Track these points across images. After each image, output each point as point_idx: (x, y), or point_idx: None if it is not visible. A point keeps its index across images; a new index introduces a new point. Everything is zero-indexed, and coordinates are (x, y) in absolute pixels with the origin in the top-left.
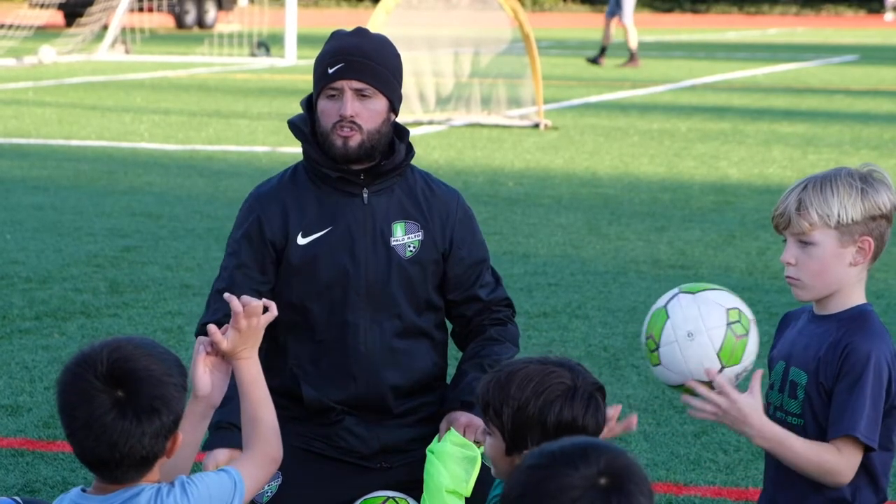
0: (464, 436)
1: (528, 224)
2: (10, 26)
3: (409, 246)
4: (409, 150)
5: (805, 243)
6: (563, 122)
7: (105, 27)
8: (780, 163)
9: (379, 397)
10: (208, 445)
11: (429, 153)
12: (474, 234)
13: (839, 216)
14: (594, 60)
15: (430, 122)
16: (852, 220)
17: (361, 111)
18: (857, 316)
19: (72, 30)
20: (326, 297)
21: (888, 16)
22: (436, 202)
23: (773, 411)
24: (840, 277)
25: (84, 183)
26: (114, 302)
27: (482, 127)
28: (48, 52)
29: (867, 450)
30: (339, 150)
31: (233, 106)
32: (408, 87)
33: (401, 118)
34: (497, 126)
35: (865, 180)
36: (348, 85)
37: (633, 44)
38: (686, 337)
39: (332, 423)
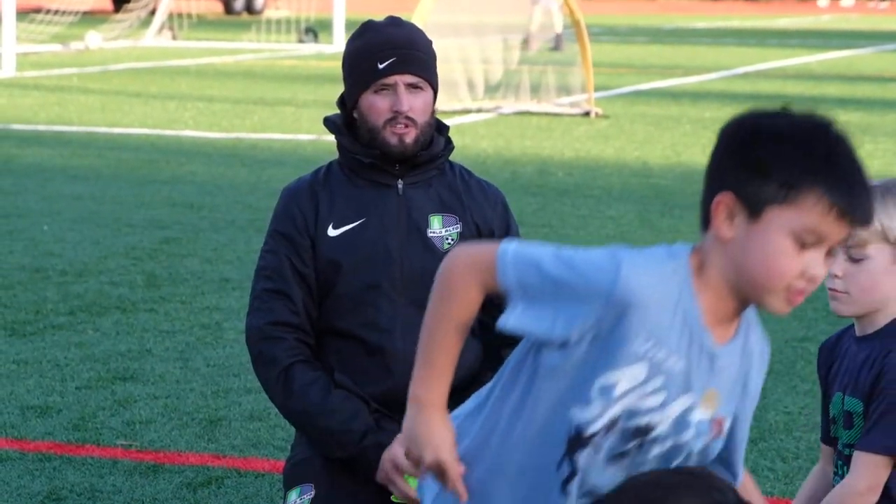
0: None
1: (578, 216)
2: (56, 12)
3: (448, 238)
4: (448, 143)
5: (856, 259)
6: (613, 110)
7: (152, 13)
8: None
9: None
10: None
11: (477, 142)
12: (513, 236)
13: None
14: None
15: (479, 110)
16: None
17: (414, 105)
18: None
19: (118, 15)
20: (360, 290)
21: (822, 2)
22: (476, 195)
23: (843, 448)
24: (887, 293)
25: (125, 172)
26: (151, 296)
27: (531, 115)
28: (94, 38)
29: None
30: (397, 147)
31: (278, 93)
32: (456, 74)
33: (449, 106)
34: (546, 114)
35: None
36: (401, 79)
37: (559, 28)
38: None
39: None
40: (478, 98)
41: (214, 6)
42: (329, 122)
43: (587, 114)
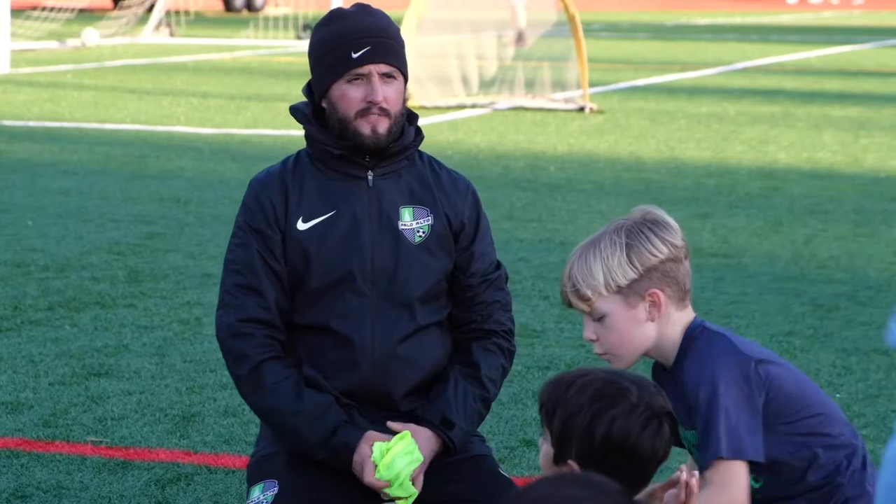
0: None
1: (568, 210)
2: (53, 9)
3: (419, 231)
4: (418, 134)
5: (596, 318)
6: (609, 105)
7: (150, 9)
8: (830, 147)
9: (384, 391)
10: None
11: (470, 137)
12: (483, 231)
13: (608, 281)
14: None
15: (474, 106)
16: (628, 280)
17: (388, 95)
18: (684, 349)
19: (115, 12)
20: (330, 284)
21: None
22: (446, 186)
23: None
24: (646, 336)
25: (114, 168)
26: (131, 291)
27: (526, 110)
28: (92, 35)
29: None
30: (370, 138)
31: (273, 89)
32: (451, 70)
33: (444, 101)
34: (541, 109)
35: (631, 233)
36: (376, 69)
37: (522, 23)
38: None
39: None
40: (472, 93)
41: (214, 3)
42: (296, 112)
43: (582, 109)
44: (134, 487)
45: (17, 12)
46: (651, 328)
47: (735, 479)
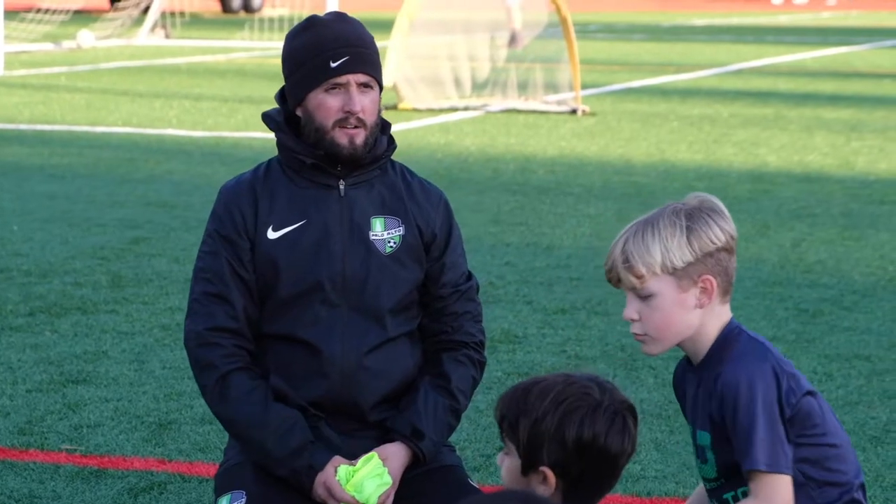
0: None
1: (556, 214)
2: (48, 10)
3: (390, 242)
4: (391, 143)
5: (643, 297)
6: (601, 107)
7: (145, 11)
8: (821, 150)
9: (353, 402)
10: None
11: (461, 139)
12: (454, 241)
13: (665, 262)
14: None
15: (466, 108)
16: (685, 262)
17: (365, 105)
18: (721, 345)
19: (110, 14)
20: (300, 293)
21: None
22: (418, 196)
23: (705, 483)
24: (689, 323)
25: (102, 171)
26: (114, 297)
27: (519, 113)
28: (87, 37)
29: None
30: (346, 148)
31: (267, 91)
32: (443, 71)
33: (436, 104)
34: (534, 112)
35: (691, 216)
36: (354, 79)
37: (517, 24)
38: None
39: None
40: (465, 96)
41: (212, 4)
42: (268, 119)
43: (574, 111)
44: (106, 497)
45: (11, 14)
46: (696, 316)
47: (779, 493)
